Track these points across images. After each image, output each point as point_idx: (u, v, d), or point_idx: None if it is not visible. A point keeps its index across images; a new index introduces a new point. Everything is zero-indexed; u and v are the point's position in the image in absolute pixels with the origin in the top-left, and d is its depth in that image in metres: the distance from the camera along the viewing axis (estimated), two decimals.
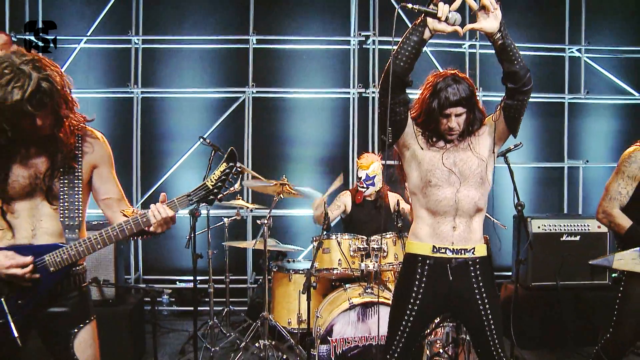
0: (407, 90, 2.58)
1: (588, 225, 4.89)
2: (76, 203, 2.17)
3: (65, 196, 2.14)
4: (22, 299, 2.10)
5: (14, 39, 5.72)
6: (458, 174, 2.62)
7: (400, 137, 2.68)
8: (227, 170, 2.15)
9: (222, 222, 4.88)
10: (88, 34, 5.93)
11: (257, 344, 4.09)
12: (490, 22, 2.34)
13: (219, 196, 2.17)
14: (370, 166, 4.53)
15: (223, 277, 5.03)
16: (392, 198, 4.74)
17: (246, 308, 5.52)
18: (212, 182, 2.14)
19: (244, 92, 6.02)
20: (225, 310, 4.98)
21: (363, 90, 6.19)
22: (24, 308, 2.10)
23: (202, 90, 6.13)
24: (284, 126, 6.31)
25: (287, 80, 6.29)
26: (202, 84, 6.14)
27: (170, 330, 5.23)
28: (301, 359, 4.18)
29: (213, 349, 4.43)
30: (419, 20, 2.39)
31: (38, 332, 2.20)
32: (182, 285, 5.90)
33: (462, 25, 2.34)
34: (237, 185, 4.29)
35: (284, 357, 4.14)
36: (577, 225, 4.92)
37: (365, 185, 4.54)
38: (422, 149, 2.67)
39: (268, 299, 4.29)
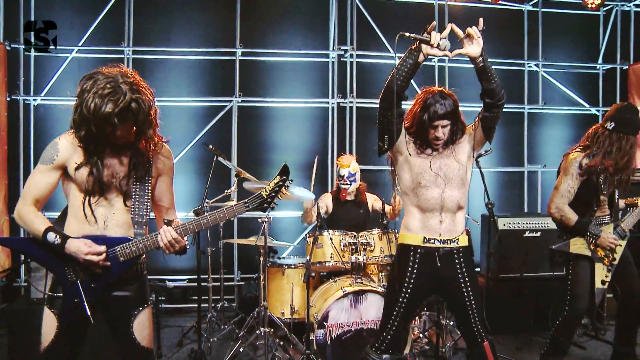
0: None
1: (547, 223, 5.43)
2: (145, 203, 2.52)
3: (137, 196, 2.50)
4: (95, 282, 2.43)
5: (7, 48, 5.94)
6: (443, 177, 3.06)
7: (395, 144, 3.11)
8: (281, 183, 2.48)
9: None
10: (80, 44, 6.14)
11: (257, 332, 4.45)
12: (474, 48, 2.79)
13: (271, 205, 2.50)
14: (350, 164, 4.98)
15: (212, 275, 5.29)
16: (370, 198, 5.19)
17: (235, 304, 5.86)
18: (267, 192, 2.47)
19: (230, 101, 6.36)
20: (220, 304, 5.31)
21: (342, 100, 6.60)
22: (95, 291, 2.44)
23: (191, 99, 6.40)
24: (268, 133, 6.65)
25: (271, 90, 6.63)
26: (191, 93, 6.41)
27: (165, 326, 5.51)
28: (295, 345, 4.57)
29: (212, 340, 4.77)
30: (414, 46, 2.82)
31: (104, 313, 2.52)
32: (173, 284, 6.18)
33: (451, 50, 2.79)
34: (233, 188, 4.68)
35: (281, 344, 4.52)
36: (538, 223, 5.47)
37: (348, 182, 4.97)
38: (413, 155, 3.10)
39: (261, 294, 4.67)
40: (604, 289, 3.81)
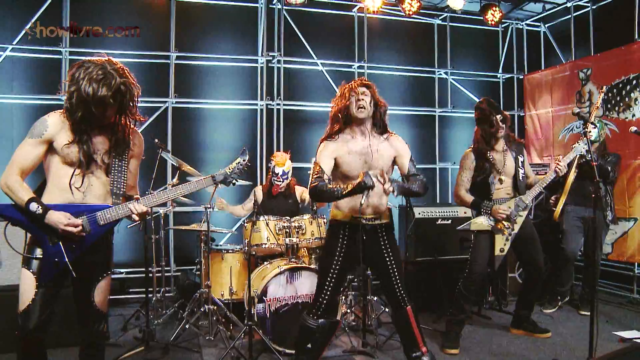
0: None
1: (457, 212, 6.11)
2: (123, 178, 2.84)
3: (116, 171, 2.82)
4: (75, 243, 2.72)
5: None
6: (368, 169, 3.52)
7: None
8: (241, 162, 2.97)
9: (157, 213, 5.52)
10: (14, 42, 6.11)
11: (202, 309, 4.80)
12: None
13: (233, 181, 2.96)
14: (285, 163, 5.44)
15: (154, 265, 5.52)
16: (299, 189, 5.69)
17: (173, 294, 6.14)
18: (230, 169, 2.94)
19: (165, 101, 6.62)
20: (162, 290, 5.59)
21: (270, 102, 7.04)
22: (75, 252, 2.72)
23: None
24: (201, 133, 6.95)
25: (204, 92, 6.94)
26: None
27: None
28: (234, 323, 4.94)
29: (156, 322, 5.05)
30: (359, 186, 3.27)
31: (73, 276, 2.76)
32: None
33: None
34: (175, 180, 5.02)
35: (223, 321, 4.88)
36: (449, 212, 6.13)
37: (281, 180, 5.44)
38: (344, 155, 3.57)
39: (204, 276, 5.03)
40: (502, 256, 4.56)
